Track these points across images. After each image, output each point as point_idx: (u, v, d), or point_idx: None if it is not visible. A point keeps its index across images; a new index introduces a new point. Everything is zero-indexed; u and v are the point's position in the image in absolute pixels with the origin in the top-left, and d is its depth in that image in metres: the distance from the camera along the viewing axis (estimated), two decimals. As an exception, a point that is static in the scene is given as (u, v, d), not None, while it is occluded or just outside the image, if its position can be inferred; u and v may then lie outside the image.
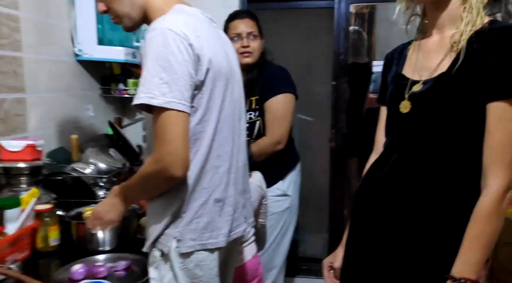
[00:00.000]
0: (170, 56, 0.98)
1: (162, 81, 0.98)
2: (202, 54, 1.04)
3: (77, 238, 1.45)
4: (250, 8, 2.68)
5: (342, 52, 2.64)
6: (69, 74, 2.13)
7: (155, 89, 0.98)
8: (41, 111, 1.89)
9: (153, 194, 1.11)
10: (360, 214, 1.20)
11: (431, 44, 1.12)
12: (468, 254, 0.98)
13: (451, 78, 1.03)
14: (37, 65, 1.87)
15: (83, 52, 2.14)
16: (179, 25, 1.02)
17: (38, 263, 1.38)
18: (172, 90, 0.98)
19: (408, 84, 1.12)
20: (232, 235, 1.17)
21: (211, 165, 1.11)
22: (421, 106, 1.08)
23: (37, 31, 1.87)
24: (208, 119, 1.09)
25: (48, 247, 1.43)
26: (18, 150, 1.52)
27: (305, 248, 3.10)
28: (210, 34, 1.12)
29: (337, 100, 2.69)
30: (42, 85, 1.91)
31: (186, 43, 1.00)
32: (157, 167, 1.02)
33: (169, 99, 0.98)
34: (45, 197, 1.56)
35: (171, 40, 0.99)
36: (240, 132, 1.22)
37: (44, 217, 1.43)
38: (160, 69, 0.98)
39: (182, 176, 1.02)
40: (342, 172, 2.78)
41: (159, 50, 0.99)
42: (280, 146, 1.93)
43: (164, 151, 0.99)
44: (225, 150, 1.14)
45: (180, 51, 0.99)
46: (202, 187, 1.10)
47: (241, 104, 1.24)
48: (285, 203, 2.05)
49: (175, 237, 1.09)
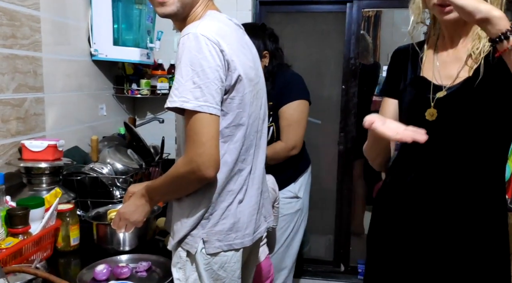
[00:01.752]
0: (203, 61, 1.02)
1: (195, 86, 1.01)
2: (232, 60, 1.07)
3: (98, 238, 1.47)
4: (262, 11, 2.70)
5: (353, 56, 2.66)
6: (84, 74, 2.15)
7: (188, 93, 1.01)
8: (57, 111, 1.91)
9: (182, 195, 1.14)
10: (385, 223, 1.22)
11: (447, 56, 1.15)
12: None
13: (477, 85, 1.05)
14: (55, 65, 1.89)
15: (99, 52, 2.16)
16: (212, 31, 1.05)
17: (59, 263, 1.40)
18: (204, 94, 1.01)
19: (431, 88, 1.13)
20: (256, 234, 1.21)
21: (237, 168, 1.15)
22: (448, 113, 1.09)
23: (56, 31, 1.89)
24: (238, 124, 1.12)
25: (69, 246, 1.45)
26: (40, 150, 1.54)
27: (309, 250, 3.12)
28: (239, 41, 1.16)
29: (347, 103, 2.71)
30: (59, 85, 1.93)
31: (218, 49, 1.03)
32: (189, 168, 1.04)
33: (201, 102, 1.01)
34: (65, 196, 1.58)
35: (204, 45, 1.02)
36: (262, 135, 1.25)
37: (66, 216, 1.45)
38: (193, 74, 1.02)
39: (213, 176, 1.06)
40: (349, 175, 2.80)
41: (192, 55, 1.02)
42: (294, 151, 1.96)
43: (197, 152, 1.03)
44: (249, 153, 1.17)
45: (212, 56, 1.02)
46: (228, 190, 1.14)
47: (265, 108, 1.27)
48: (296, 205, 2.08)
49: (202, 238, 1.12)
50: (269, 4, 2.72)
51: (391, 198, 1.22)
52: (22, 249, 1.23)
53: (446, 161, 1.09)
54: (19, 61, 1.63)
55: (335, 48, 2.82)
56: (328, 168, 2.90)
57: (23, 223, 1.26)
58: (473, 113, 1.06)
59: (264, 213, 1.29)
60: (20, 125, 1.65)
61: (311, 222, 2.97)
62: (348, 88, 2.69)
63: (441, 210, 1.10)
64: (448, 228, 1.09)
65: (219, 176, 1.10)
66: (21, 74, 1.64)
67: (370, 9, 3.01)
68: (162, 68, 2.52)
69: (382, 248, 1.23)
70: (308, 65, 2.89)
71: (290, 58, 2.19)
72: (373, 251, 1.26)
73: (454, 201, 1.08)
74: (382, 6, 2.91)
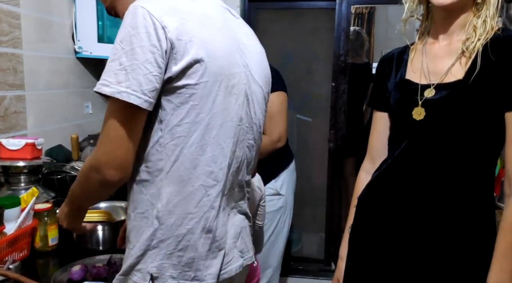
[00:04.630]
0: (134, 38, 0.83)
1: (121, 67, 0.83)
2: (181, 39, 0.85)
3: (77, 238, 1.44)
4: (251, 8, 2.68)
5: (342, 53, 2.64)
6: (68, 72, 2.12)
7: (111, 75, 0.83)
8: (40, 109, 1.88)
9: (96, 200, 1.04)
10: (367, 224, 1.19)
11: (438, 49, 1.12)
12: (503, 264, 0.99)
13: (469, 86, 1.02)
14: (37, 62, 1.86)
15: (83, 49, 2.14)
16: (157, 4, 0.86)
17: (36, 263, 1.37)
18: (128, 78, 0.82)
19: (418, 89, 1.10)
20: (223, 274, 0.97)
21: (199, 184, 0.91)
22: (437, 114, 1.06)
23: (38, 28, 1.86)
24: (193, 122, 0.89)
25: (47, 246, 1.42)
26: (18, 148, 1.51)
27: (301, 248, 3.11)
28: (211, 22, 0.93)
29: (336, 101, 2.69)
30: (42, 83, 1.90)
31: (158, 24, 0.83)
32: (90, 165, 0.89)
33: (122, 88, 0.82)
34: (44, 196, 1.56)
35: (141, 19, 0.84)
36: (247, 147, 1.01)
37: (44, 216, 1.42)
38: (122, 53, 0.83)
39: (116, 181, 0.87)
40: (340, 173, 2.79)
41: (126, 31, 0.84)
42: (280, 143, 1.95)
43: (102, 149, 0.87)
44: (220, 166, 0.93)
45: (147, 33, 0.83)
46: (186, 212, 0.90)
47: (256, 114, 1.03)
48: (278, 202, 2.05)
49: (151, 274, 0.91)
50: (258, 1, 2.70)
51: (378, 196, 1.18)
52: (-5, 250, 1.21)
53: (435, 160, 1.07)
54: (-3, 58, 1.61)
55: (325, 45, 2.80)
56: (319, 166, 2.88)
57: (-3, 223, 1.24)
58: (462, 115, 1.03)
59: (240, 246, 1.03)
60: (0, 123, 1.62)
61: (302, 221, 2.97)
62: (338, 86, 2.67)
63: (428, 208, 1.08)
64: (435, 226, 1.07)
65: (166, 190, 0.89)
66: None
67: (360, 5, 2.98)
68: (149, 66, 2.50)
69: (364, 247, 1.20)
70: (298, 62, 2.87)
71: (279, 56, 2.17)
72: (355, 249, 1.24)
73: (442, 200, 1.06)
74: (371, 2, 2.89)
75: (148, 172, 0.91)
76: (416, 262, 1.09)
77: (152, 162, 0.91)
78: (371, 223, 1.18)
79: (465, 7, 1.06)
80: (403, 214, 1.11)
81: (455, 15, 1.07)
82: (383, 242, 1.14)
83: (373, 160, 1.28)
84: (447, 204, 1.06)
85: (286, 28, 2.86)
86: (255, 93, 1.02)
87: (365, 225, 1.21)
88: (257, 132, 1.05)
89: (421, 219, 1.08)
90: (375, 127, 1.28)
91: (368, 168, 1.29)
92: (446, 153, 1.06)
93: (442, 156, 1.06)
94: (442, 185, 1.06)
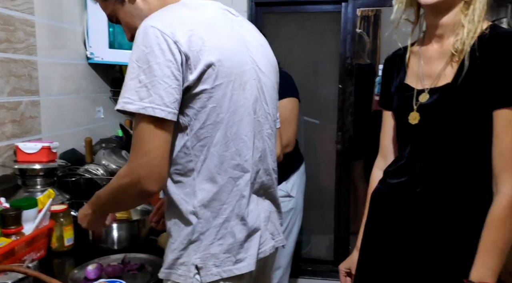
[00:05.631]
0: (149, 57, 0.88)
1: (141, 84, 0.88)
2: (194, 49, 0.90)
3: (92, 238, 1.48)
4: (258, 12, 2.71)
5: (349, 56, 2.66)
6: (80, 77, 2.18)
7: (133, 94, 0.88)
8: (54, 113, 1.93)
9: (126, 208, 1.08)
10: (378, 218, 1.23)
11: (432, 52, 1.13)
12: (485, 259, 1.00)
13: (457, 88, 1.03)
14: (51, 68, 1.91)
15: (95, 55, 2.19)
16: (165, 21, 0.90)
17: (53, 263, 1.41)
18: (150, 94, 0.87)
19: (414, 94, 1.13)
20: (260, 255, 1.04)
21: (228, 176, 0.98)
22: (430, 118, 1.09)
23: (51, 35, 1.91)
24: (214, 122, 0.95)
25: (63, 247, 1.46)
26: (34, 152, 1.55)
27: (310, 249, 3.12)
28: (215, 26, 0.98)
29: (344, 102, 2.71)
30: (55, 88, 1.95)
31: (170, 40, 0.88)
32: (128, 180, 0.92)
33: (146, 104, 0.87)
34: (60, 197, 1.60)
35: (153, 38, 0.88)
36: (265, 134, 1.09)
37: (59, 217, 1.46)
38: (140, 71, 0.88)
39: (156, 191, 0.92)
40: (347, 174, 2.81)
41: (139, 50, 0.89)
42: (289, 148, 1.97)
43: (139, 163, 0.89)
44: (244, 158, 1.00)
45: (161, 50, 0.88)
46: (220, 203, 0.97)
47: (267, 105, 1.10)
48: (289, 204, 2.08)
49: (196, 265, 0.96)
50: (264, 5, 2.73)
51: (384, 200, 1.22)
52: (14, 249, 1.25)
53: (436, 163, 1.09)
54: (13, 64, 1.66)
55: (331, 48, 2.83)
56: (327, 168, 2.91)
57: (15, 224, 1.28)
58: (453, 117, 1.04)
59: (271, 229, 1.11)
60: (16, 127, 1.67)
61: (311, 222, 2.99)
62: (344, 88, 2.70)
63: (427, 212, 1.10)
64: (435, 229, 1.09)
65: (200, 187, 0.96)
66: (15, 78, 1.67)
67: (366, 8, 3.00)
68: (158, 70, 2.54)
69: (376, 239, 1.23)
70: (305, 65, 2.90)
71: (286, 59, 2.20)
72: (368, 241, 1.27)
73: (444, 200, 1.08)
74: (377, 5, 2.91)
75: (179, 174, 0.98)
76: (422, 256, 1.11)
77: (182, 165, 0.97)
78: (382, 218, 1.22)
79: (452, 6, 1.05)
80: (402, 219, 1.14)
81: (444, 14, 1.07)
82: (393, 237, 1.17)
83: (385, 157, 1.33)
84: (449, 203, 1.08)
85: (293, 31, 2.90)
86: (265, 85, 1.09)
87: (377, 219, 1.24)
88: (271, 121, 1.12)
89: (418, 224, 1.11)
90: (384, 126, 1.32)
91: (380, 165, 1.34)
92: (444, 155, 1.07)
93: (442, 158, 1.08)
94: (444, 185, 1.08)
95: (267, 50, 1.15)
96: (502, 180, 0.99)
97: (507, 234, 0.99)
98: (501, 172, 1.00)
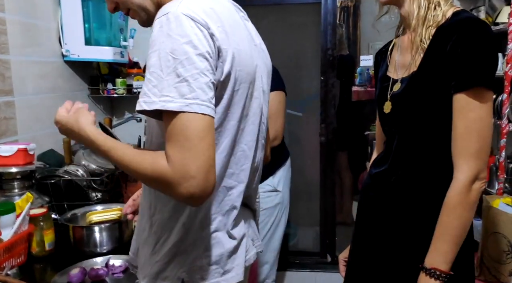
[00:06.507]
0: (188, 47, 0.77)
1: (180, 79, 0.77)
2: (224, 48, 0.83)
3: (74, 241, 1.44)
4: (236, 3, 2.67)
5: (330, 47, 2.65)
6: (56, 75, 2.11)
7: (172, 90, 0.76)
8: (30, 114, 1.87)
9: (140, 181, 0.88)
10: (364, 208, 1.25)
11: (406, 42, 1.15)
12: (438, 245, 1.01)
13: (421, 76, 1.05)
14: (25, 67, 1.85)
15: (70, 52, 2.12)
16: (198, 10, 0.81)
17: (34, 268, 1.37)
18: (193, 89, 0.77)
19: (389, 84, 1.15)
20: (246, 264, 0.99)
21: (223, 185, 0.92)
22: (399, 106, 1.11)
23: (24, 32, 1.84)
24: (224, 129, 0.88)
25: (44, 251, 1.42)
26: (10, 154, 1.50)
27: (296, 242, 3.13)
28: (235, 24, 0.91)
29: (326, 94, 2.71)
30: (30, 87, 1.89)
31: (206, 32, 0.80)
32: (171, 178, 0.77)
33: (190, 100, 0.76)
34: (39, 200, 1.55)
35: (189, 27, 0.78)
36: (261, 146, 1.03)
37: (39, 221, 1.42)
38: (177, 64, 0.77)
39: (203, 202, 0.80)
40: (332, 166, 2.81)
41: (173, 39, 0.77)
42: (276, 141, 1.97)
43: (194, 165, 0.75)
44: (242, 168, 0.94)
45: (200, 40, 0.78)
46: (209, 213, 0.91)
47: (264, 114, 1.04)
48: (276, 198, 2.08)
49: (182, 279, 0.90)
50: (244, -2, 2.70)
51: (366, 190, 1.25)
52: (-7, 257, 1.21)
53: (402, 152, 1.11)
54: (-15, 64, 1.59)
55: (312, 40, 2.82)
56: (311, 160, 2.90)
57: (-8, 230, 1.24)
58: (417, 104, 1.05)
59: (251, 234, 1.05)
60: (-10, 130, 1.62)
61: (297, 215, 2.99)
62: (327, 79, 2.69)
63: (401, 200, 1.12)
64: (406, 215, 1.11)
65: None
66: (-13, 78, 1.61)
67: (346, -1, 3.00)
68: (138, 66, 2.49)
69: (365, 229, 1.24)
70: (286, 57, 2.88)
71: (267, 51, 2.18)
72: (358, 232, 1.28)
73: (411, 191, 1.10)
74: (357, -5, 2.90)
75: None
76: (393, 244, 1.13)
77: None
78: (367, 207, 1.24)
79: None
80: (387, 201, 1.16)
81: (400, 8, 1.11)
82: (373, 225, 1.20)
83: (378, 151, 1.35)
84: (418, 190, 1.09)
85: (273, 24, 2.87)
86: (265, 94, 1.03)
87: (363, 209, 1.27)
88: (265, 131, 1.07)
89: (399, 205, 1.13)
90: (378, 119, 1.32)
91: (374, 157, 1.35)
92: (412, 142, 1.09)
93: (410, 145, 1.10)
94: (414, 173, 1.09)
95: (267, 55, 1.09)
96: (457, 166, 0.99)
97: (458, 220, 0.99)
98: (456, 158, 1.00)
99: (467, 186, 0.98)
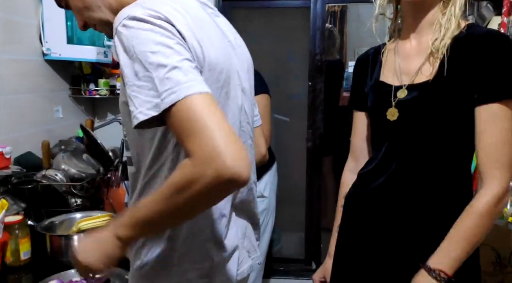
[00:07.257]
0: (162, 38, 0.73)
1: (169, 68, 0.71)
2: (192, 45, 0.79)
3: (51, 251, 1.37)
4: (225, 7, 2.63)
5: (318, 52, 2.63)
6: (36, 74, 2.03)
7: (166, 83, 0.71)
8: (8, 114, 1.79)
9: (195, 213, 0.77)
10: (355, 222, 1.20)
11: (409, 49, 1.13)
12: (450, 247, 0.99)
13: (438, 86, 1.03)
14: (3, 66, 1.77)
15: (52, 51, 2.04)
16: (160, 9, 0.77)
17: (8, 280, 1.31)
18: (185, 73, 0.72)
19: (391, 91, 1.12)
20: (238, 277, 0.96)
21: None
22: (409, 114, 1.08)
23: (3, 29, 1.77)
24: None
25: (19, 261, 1.36)
26: (-16, 158, 1.43)
27: (280, 248, 3.09)
28: (202, 22, 0.86)
29: (314, 100, 2.68)
30: (9, 87, 1.81)
31: (172, 27, 0.76)
32: (201, 166, 0.67)
33: (189, 83, 0.71)
34: (14, 207, 1.48)
35: (155, 20, 0.75)
36: (248, 147, 0.99)
37: (15, 229, 1.35)
38: (159, 56, 0.72)
39: (248, 178, 0.70)
40: (318, 172, 2.79)
41: (145, 35, 0.73)
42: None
43: (216, 139, 0.67)
44: None
45: (170, 31, 0.75)
46: (196, 224, 0.86)
47: (248, 116, 1.00)
48: (262, 204, 2.04)
49: None
50: (232, 0, 2.65)
51: (357, 204, 1.20)
52: (-37, 268, 1.14)
53: (413, 159, 1.08)
54: (-41, 62, 1.51)
55: (300, 44, 2.79)
56: (297, 166, 2.87)
57: (-37, 240, 1.17)
58: (433, 114, 1.04)
59: (247, 246, 1.02)
60: (-37, 131, 1.54)
61: (281, 221, 2.95)
62: (314, 85, 2.66)
63: (410, 208, 1.08)
64: (417, 224, 1.08)
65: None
66: (-38, 77, 1.53)
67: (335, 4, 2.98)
68: (122, 67, 2.43)
69: (352, 245, 1.20)
70: (274, 61, 2.85)
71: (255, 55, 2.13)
72: (343, 247, 1.24)
73: (422, 198, 1.07)
74: (344, 1, 2.89)
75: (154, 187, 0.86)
76: (400, 259, 1.09)
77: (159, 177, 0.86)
78: (359, 222, 1.19)
79: (433, 4, 1.07)
80: (388, 213, 1.12)
81: (423, 12, 1.08)
82: (370, 241, 1.15)
83: (357, 159, 1.31)
84: (427, 202, 1.06)
85: (261, 27, 2.84)
86: (246, 92, 0.98)
87: (353, 224, 1.21)
88: (251, 131, 1.03)
89: (404, 218, 1.09)
90: (355, 126, 1.30)
91: (351, 167, 1.32)
92: (422, 152, 1.07)
93: (419, 155, 1.07)
94: (422, 183, 1.07)
95: (245, 50, 1.04)
96: (490, 176, 0.98)
97: (480, 228, 0.98)
98: (488, 167, 0.98)
99: (501, 197, 0.97)
